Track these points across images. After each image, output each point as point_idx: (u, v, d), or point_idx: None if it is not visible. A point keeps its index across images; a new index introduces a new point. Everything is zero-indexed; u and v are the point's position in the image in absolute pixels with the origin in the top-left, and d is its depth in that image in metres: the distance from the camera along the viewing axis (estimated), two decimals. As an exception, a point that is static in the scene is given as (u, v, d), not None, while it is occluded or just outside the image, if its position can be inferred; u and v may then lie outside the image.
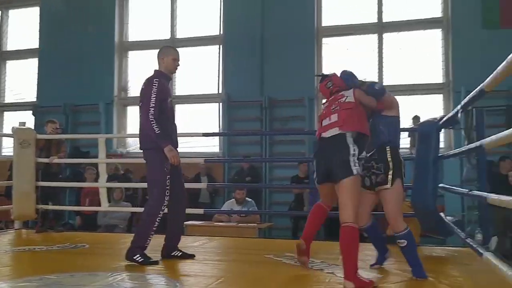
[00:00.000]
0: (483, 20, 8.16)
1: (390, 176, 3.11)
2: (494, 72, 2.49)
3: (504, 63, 2.26)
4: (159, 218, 3.58)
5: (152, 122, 3.47)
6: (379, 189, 3.16)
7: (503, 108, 7.86)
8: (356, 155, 2.97)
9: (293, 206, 7.66)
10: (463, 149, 4.26)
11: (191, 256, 3.80)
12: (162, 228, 3.74)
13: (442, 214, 4.38)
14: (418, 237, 4.48)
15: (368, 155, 3.25)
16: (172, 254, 3.75)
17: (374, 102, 3.18)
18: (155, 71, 3.76)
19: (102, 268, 3.42)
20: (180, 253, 3.79)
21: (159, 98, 3.52)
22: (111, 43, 10.10)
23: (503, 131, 2.47)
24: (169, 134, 3.65)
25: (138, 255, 3.50)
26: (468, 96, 3.26)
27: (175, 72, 3.86)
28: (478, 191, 3.70)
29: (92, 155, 8.52)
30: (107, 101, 9.93)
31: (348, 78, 3.30)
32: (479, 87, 2.89)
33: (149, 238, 3.57)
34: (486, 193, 2.90)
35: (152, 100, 3.47)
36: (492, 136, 2.64)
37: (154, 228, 3.58)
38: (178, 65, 3.79)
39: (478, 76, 3.10)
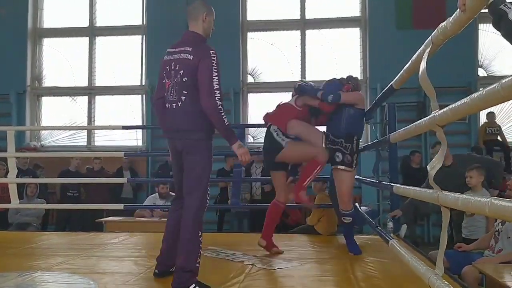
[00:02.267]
0: (398, 21, 8.67)
1: (355, 161, 3.56)
2: (401, 71, 2.67)
3: (409, 63, 2.43)
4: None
5: (220, 110, 2.62)
6: (341, 168, 3.56)
7: (414, 104, 8.42)
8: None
9: (219, 199, 7.66)
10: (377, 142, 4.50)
11: None
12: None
13: (357, 204, 4.61)
14: (335, 226, 4.68)
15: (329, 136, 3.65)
16: (172, 270, 2.79)
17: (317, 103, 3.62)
18: (197, 34, 2.77)
19: (11, 268, 3.20)
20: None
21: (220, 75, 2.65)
22: (24, 28, 9.45)
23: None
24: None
25: (193, 285, 2.57)
26: (381, 93, 3.50)
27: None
28: (391, 182, 3.96)
29: (2, 148, 7.94)
30: (19, 91, 9.29)
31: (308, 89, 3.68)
32: (389, 84, 3.10)
33: (199, 254, 2.67)
34: (392, 184, 3.09)
35: (214, 80, 2.60)
36: (399, 130, 2.83)
37: (201, 239, 2.69)
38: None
39: (392, 74, 3.31)
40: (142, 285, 2.81)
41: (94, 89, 9.61)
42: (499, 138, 8.10)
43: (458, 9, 1.58)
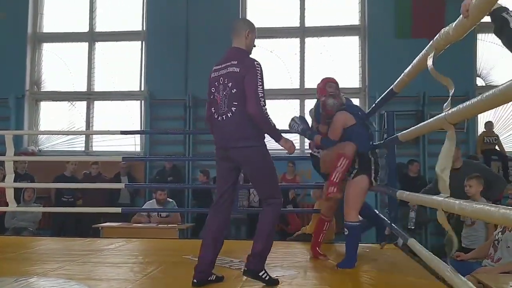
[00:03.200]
0: (397, 30, 8.70)
1: (355, 171, 3.48)
2: (402, 75, 2.67)
3: (409, 67, 2.43)
4: None
5: (266, 115, 2.81)
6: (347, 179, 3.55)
7: (413, 113, 8.43)
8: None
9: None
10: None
11: (221, 279, 3.00)
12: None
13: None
14: (333, 234, 4.66)
15: None
16: (209, 279, 2.91)
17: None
18: (241, 49, 2.96)
19: (6, 273, 3.17)
20: (215, 277, 2.96)
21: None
22: (23, 33, 9.45)
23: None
24: None
25: (264, 272, 2.85)
26: (381, 96, 3.51)
27: None
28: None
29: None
30: (18, 95, 9.28)
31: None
32: (389, 88, 3.11)
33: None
34: (395, 189, 3.09)
35: (259, 89, 2.78)
36: (406, 130, 2.85)
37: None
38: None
39: (391, 82, 3.31)
40: (139, 292, 2.78)
41: (93, 94, 9.60)
42: (497, 147, 8.11)
43: (461, 15, 1.57)
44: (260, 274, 2.84)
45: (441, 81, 1.95)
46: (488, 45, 8.60)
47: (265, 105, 2.81)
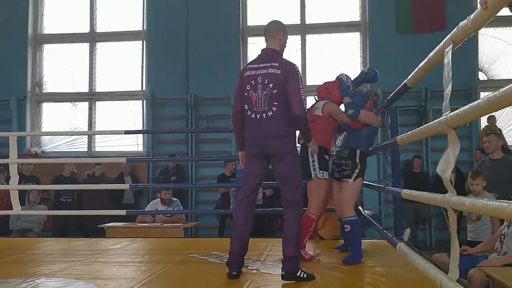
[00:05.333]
0: (397, 26, 8.69)
1: (355, 174, 3.59)
2: (416, 69, 2.65)
3: (425, 60, 2.39)
4: None
5: (306, 117, 3.08)
6: (343, 181, 3.63)
7: (415, 108, 8.42)
8: (316, 162, 3.55)
9: (220, 204, 7.65)
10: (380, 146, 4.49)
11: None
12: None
13: (360, 208, 4.60)
14: (338, 230, 4.66)
15: (339, 150, 3.78)
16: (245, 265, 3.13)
17: (347, 120, 3.66)
18: (277, 51, 3.10)
19: (13, 274, 3.18)
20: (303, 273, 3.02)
21: None
22: (24, 34, 9.45)
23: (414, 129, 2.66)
24: None
25: (300, 271, 2.96)
26: (394, 92, 3.53)
27: None
28: (393, 186, 3.94)
29: (3, 155, 7.93)
30: (20, 97, 9.29)
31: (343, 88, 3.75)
32: (402, 83, 3.10)
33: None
34: (400, 188, 3.08)
35: (301, 91, 2.97)
36: (403, 134, 2.82)
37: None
38: None
39: (392, 78, 3.32)
40: (147, 290, 2.79)
41: (94, 95, 9.61)
42: (500, 141, 8.09)
43: (479, 6, 1.56)
44: (298, 274, 2.93)
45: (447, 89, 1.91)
46: (490, 40, 8.58)
47: (305, 104, 3.05)
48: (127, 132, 5.81)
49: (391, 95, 3.75)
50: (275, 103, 2.97)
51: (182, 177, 8.37)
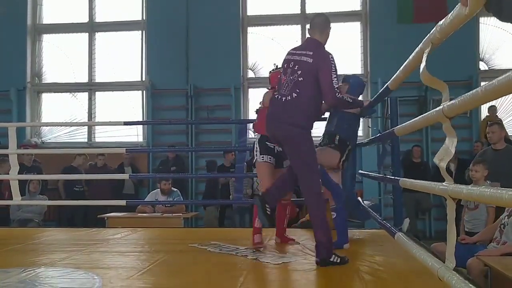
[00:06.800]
0: (398, 15, 8.63)
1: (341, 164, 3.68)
2: (398, 71, 2.65)
3: (405, 63, 2.39)
4: None
5: (341, 97, 3.10)
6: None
7: (416, 98, 8.40)
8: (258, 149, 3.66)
9: (220, 195, 7.66)
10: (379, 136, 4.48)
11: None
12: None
13: (359, 199, 4.60)
14: (331, 222, 4.67)
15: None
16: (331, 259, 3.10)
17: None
18: (319, 42, 3.18)
19: (14, 264, 3.20)
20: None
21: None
22: (23, 25, 9.41)
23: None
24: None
25: (334, 256, 3.03)
26: (377, 93, 3.56)
27: None
28: (393, 176, 3.93)
29: (3, 145, 7.94)
30: (19, 87, 9.27)
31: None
32: (387, 81, 3.11)
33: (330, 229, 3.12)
34: (398, 177, 3.08)
35: (334, 80, 3.00)
36: (403, 124, 2.81)
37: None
38: None
39: (393, 68, 3.28)
40: (147, 279, 2.80)
41: (94, 85, 9.59)
42: (500, 132, 8.07)
43: (459, 3, 1.51)
44: (331, 259, 3.01)
45: (435, 85, 1.89)
46: (490, 29, 8.52)
47: (339, 92, 3.06)
48: (126, 123, 5.79)
49: (376, 95, 3.82)
50: (297, 89, 3.03)
51: (182, 168, 8.37)
